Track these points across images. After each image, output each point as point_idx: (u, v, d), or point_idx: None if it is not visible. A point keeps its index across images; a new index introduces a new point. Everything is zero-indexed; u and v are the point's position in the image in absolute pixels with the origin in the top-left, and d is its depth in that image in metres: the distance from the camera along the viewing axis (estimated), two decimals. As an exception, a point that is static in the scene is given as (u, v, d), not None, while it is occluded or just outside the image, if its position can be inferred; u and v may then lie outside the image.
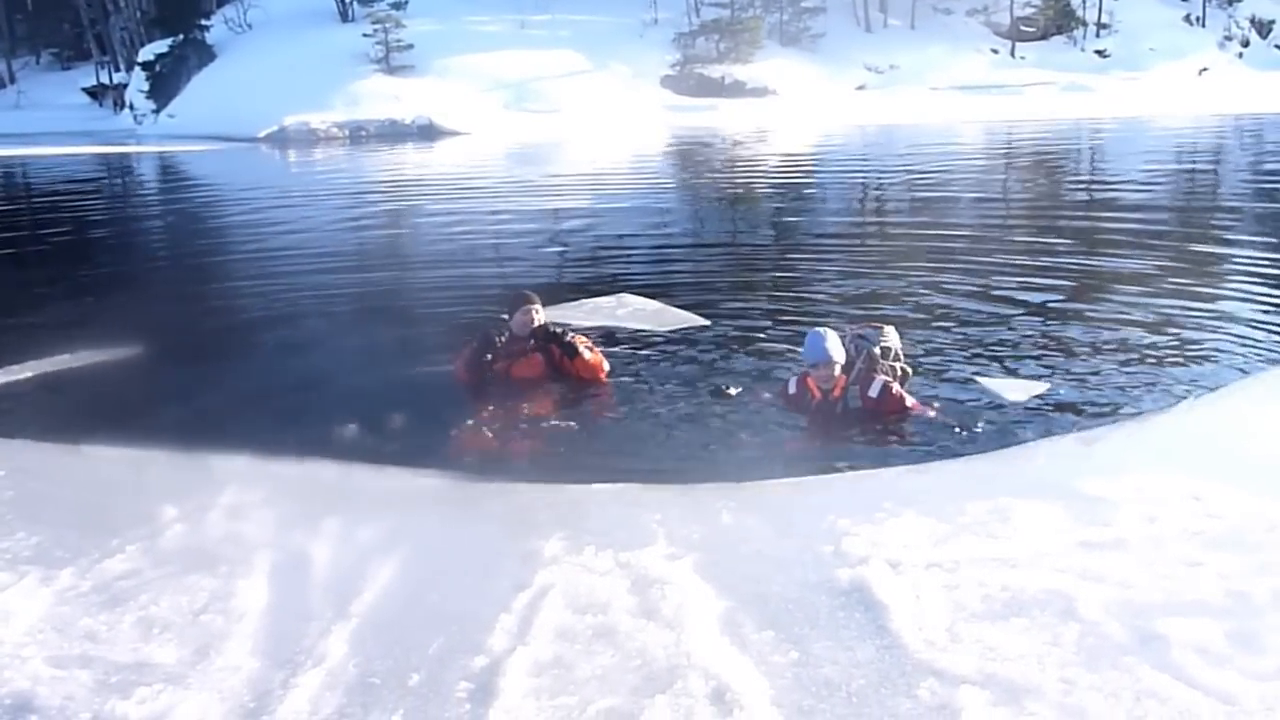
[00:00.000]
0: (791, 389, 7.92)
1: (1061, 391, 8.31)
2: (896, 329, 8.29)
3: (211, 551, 5.68)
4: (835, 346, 7.58)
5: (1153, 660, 4.29)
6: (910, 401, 7.63)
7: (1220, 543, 5.31)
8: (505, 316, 8.78)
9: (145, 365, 9.93)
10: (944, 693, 4.15)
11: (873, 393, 7.57)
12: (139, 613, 5.03)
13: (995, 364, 9.12)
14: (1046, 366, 9.01)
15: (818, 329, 7.82)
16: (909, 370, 8.10)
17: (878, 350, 7.79)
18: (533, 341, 8.63)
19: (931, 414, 7.59)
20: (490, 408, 8.17)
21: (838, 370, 7.62)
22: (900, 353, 8.07)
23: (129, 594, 5.22)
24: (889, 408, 7.58)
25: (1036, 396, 8.21)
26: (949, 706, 4.08)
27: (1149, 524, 5.55)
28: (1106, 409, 7.88)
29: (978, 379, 8.74)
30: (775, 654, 4.48)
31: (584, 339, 8.74)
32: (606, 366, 8.72)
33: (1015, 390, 8.34)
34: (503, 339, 8.59)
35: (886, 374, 7.71)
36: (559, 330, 8.71)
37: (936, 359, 9.20)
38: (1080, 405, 7.98)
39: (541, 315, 8.70)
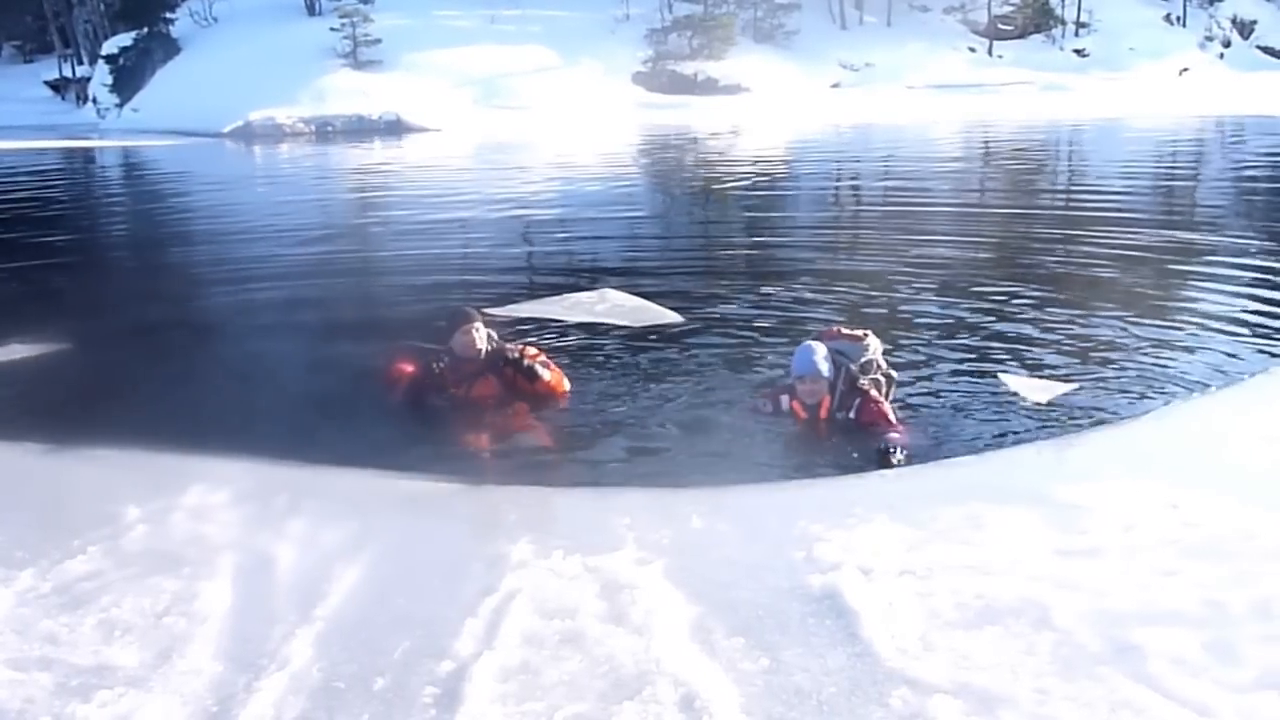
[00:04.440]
0: (784, 404, 7.76)
1: (1040, 396, 8.28)
2: (875, 333, 8.18)
3: (174, 553, 5.62)
4: (823, 362, 7.45)
5: (1128, 670, 4.27)
6: (890, 415, 7.46)
7: (1197, 552, 5.30)
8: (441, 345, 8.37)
9: (107, 363, 9.86)
10: (916, 701, 4.12)
11: (853, 414, 7.48)
12: (100, 615, 4.98)
13: (964, 366, 9.10)
14: (1026, 370, 8.98)
15: (808, 343, 7.68)
16: (893, 376, 7.97)
17: (856, 368, 7.65)
18: (482, 361, 8.22)
19: (903, 432, 7.41)
20: (455, 422, 8.04)
21: (825, 387, 7.52)
22: (881, 361, 7.95)
23: (90, 596, 5.17)
24: (865, 420, 7.45)
25: (1049, 399, 8.19)
26: (921, 715, 4.05)
27: (1125, 532, 5.54)
28: (1083, 415, 7.86)
29: (1000, 376, 8.76)
30: (745, 661, 4.44)
31: (538, 354, 8.35)
32: (566, 385, 8.39)
33: (1036, 390, 8.33)
34: (441, 365, 8.20)
35: (868, 386, 7.57)
36: (514, 355, 8.23)
37: (907, 358, 9.15)
38: (1056, 411, 7.96)
39: (483, 333, 8.26)
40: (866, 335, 7.92)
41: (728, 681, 4.29)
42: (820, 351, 7.49)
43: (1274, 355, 9.24)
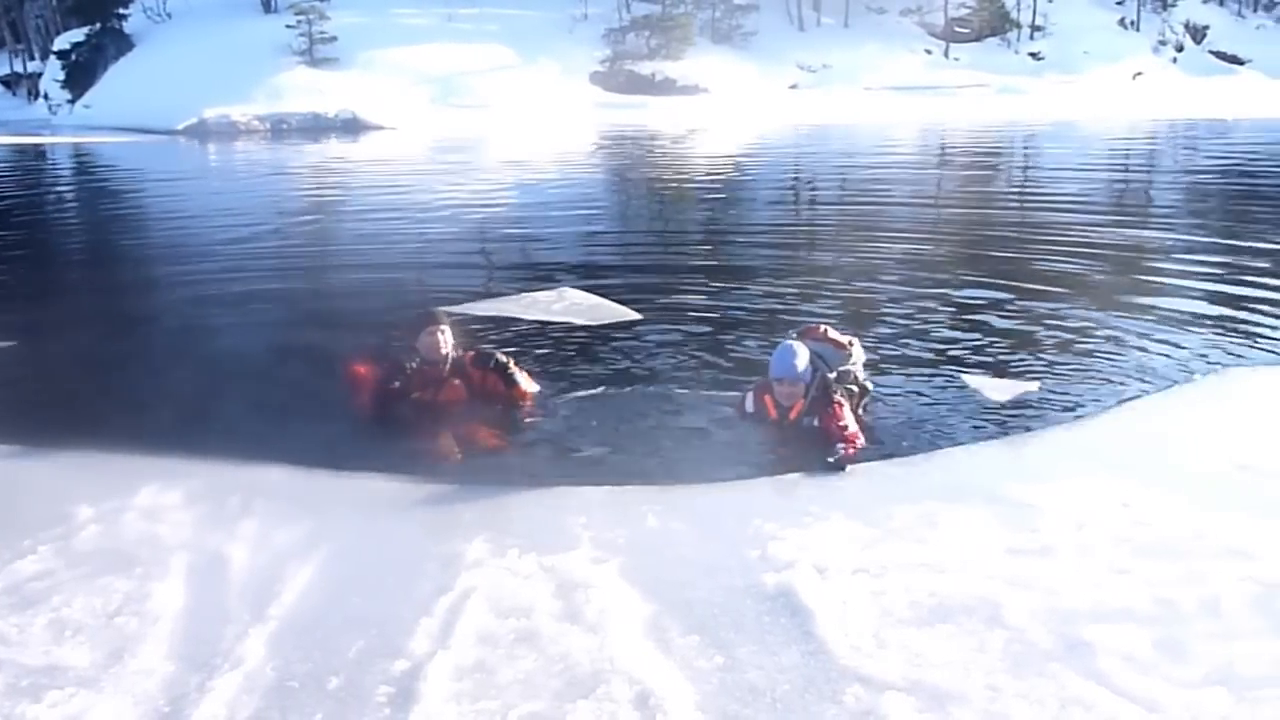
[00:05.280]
0: (749, 407, 7.67)
1: (994, 396, 8.32)
2: (860, 340, 8.13)
3: (126, 553, 5.59)
4: (802, 364, 7.35)
5: (1078, 667, 4.32)
6: (849, 428, 7.22)
7: (1148, 550, 5.37)
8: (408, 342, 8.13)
9: (58, 362, 9.74)
10: (869, 698, 4.16)
11: (817, 421, 7.39)
12: (51, 615, 4.95)
13: (923, 364, 9.13)
14: (985, 369, 9.03)
15: (789, 343, 7.54)
16: (868, 388, 7.90)
17: (833, 375, 7.55)
18: (449, 366, 7.99)
19: (856, 450, 7.33)
20: (410, 422, 7.85)
21: (801, 391, 7.41)
22: (860, 371, 7.88)
23: (41, 596, 5.14)
24: (825, 431, 7.35)
25: (1008, 398, 8.24)
26: (874, 712, 4.08)
27: (1077, 531, 5.60)
28: (1038, 414, 7.91)
29: (960, 375, 8.80)
30: (700, 659, 4.46)
31: (509, 360, 8.16)
32: (536, 388, 8.23)
33: (995, 389, 8.38)
34: (413, 366, 7.96)
35: (840, 397, 7.50)
36: (499, 360, 8.05)
37: (866, 356, 9.12)
38: (1013, 410, 8.00)
39: (448, 335, 8.04)
40: (852, 344, 7.86)
41: (682, 679, 4.31)
42: (800, 355, 7.38)
43: (1224, 356, 9.33)
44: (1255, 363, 9.17)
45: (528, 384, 8.14)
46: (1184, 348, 9.55)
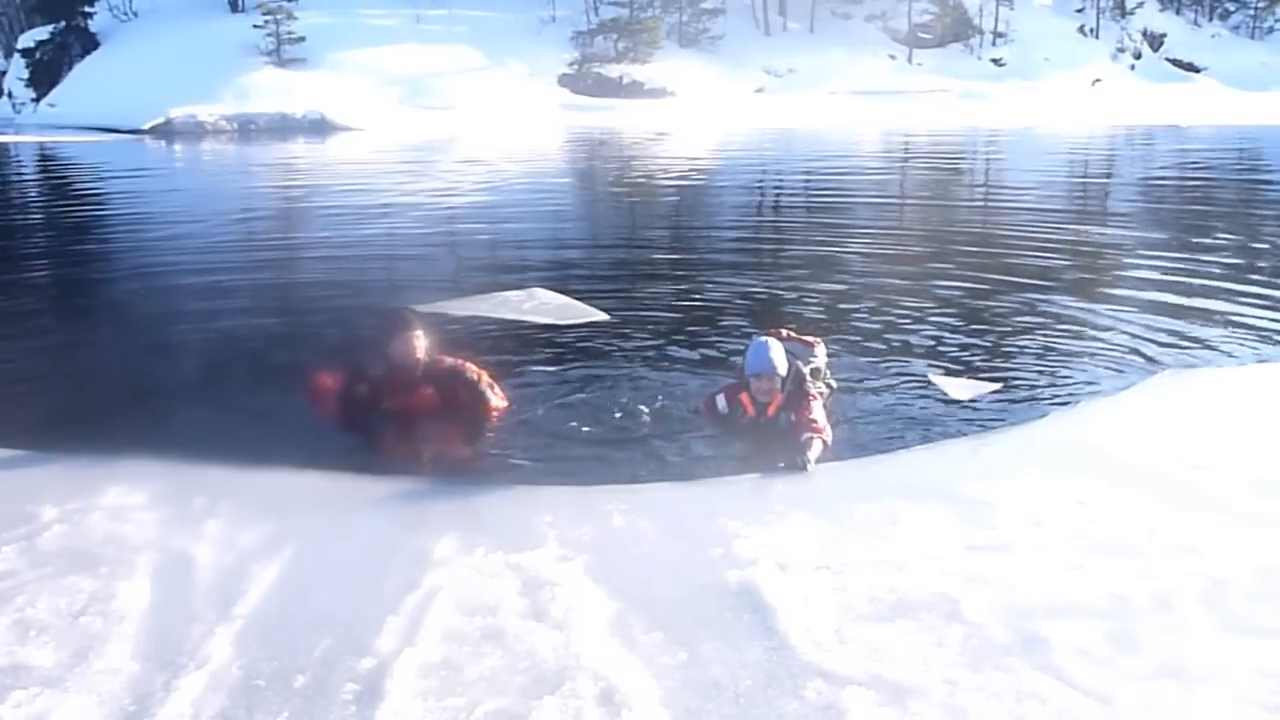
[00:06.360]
0: (721, 406, 7.65)
1: (955, 395, 8.39)
2: (800, 331, 8.17)
3: (91, 552, 5.56)
4: (780, 358, 7.39)
5: (1034, 661, 4.39)
6: (817, 422, 7.22)
7: (1102, 547, 5.46)
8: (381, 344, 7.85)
9: (23, 361, 9.70)
10: (830, 693, 4.20)
11: (793, 415, 7.40)
12: (15, 615, 4.93)
13: (891, 364, 9.19)
14: (938, 369, 9.09)
15: (762, 338, 7.58)
16: (833, 385, 7.99)
17: (808, 371, 7.61)
18: (421, 373, 7.77)
19: (826, 440, 7.30)
20: (377, 423, 7.75)
21: (779, 385, 7.43)
22: (826, 369, 7.96)
23: (5, 596, 5.11)
24: (801, 427, 7.37)
25: (971, 398, 8.30)
26: (835, 707, 4.12)
27: (1034, 528, 5.69)
28: (998, 414, 7.99)
29: (928, 375, 8.85)
30: (664, 655, 4.50)
31: (481, 373, 7.93)
32: (506, 403, 8.01)
33: (960, 389, 8.45)
34: (383, 371, 7.74)
35: (814, 392, 7.49)
36: (468, 375, 7.83)
37: (834, 356, 9.15)
38: (975, 409, 8.09)
39: (423, 341, 7.78)
40: (817, 343, 7.94)
41: (646, 675, 4.34)
42: (776, 349, 7.42)
43: (1179, 357, 9.43)
44: (1208, 364, 9.30)
45: (498, 401, 7.95)
46: (1139, 349, 9.65)
